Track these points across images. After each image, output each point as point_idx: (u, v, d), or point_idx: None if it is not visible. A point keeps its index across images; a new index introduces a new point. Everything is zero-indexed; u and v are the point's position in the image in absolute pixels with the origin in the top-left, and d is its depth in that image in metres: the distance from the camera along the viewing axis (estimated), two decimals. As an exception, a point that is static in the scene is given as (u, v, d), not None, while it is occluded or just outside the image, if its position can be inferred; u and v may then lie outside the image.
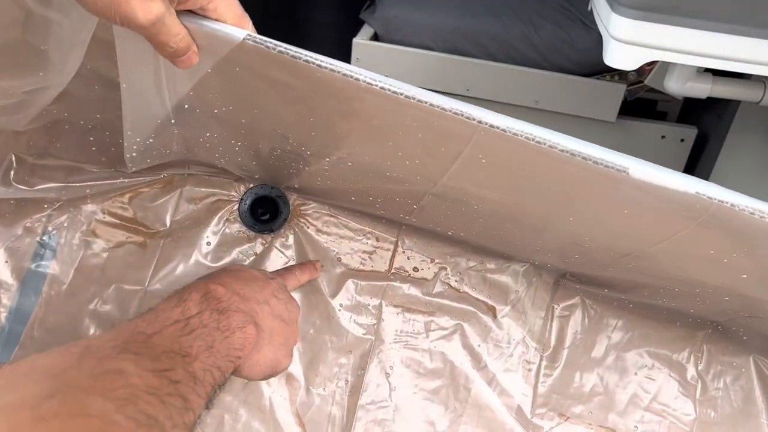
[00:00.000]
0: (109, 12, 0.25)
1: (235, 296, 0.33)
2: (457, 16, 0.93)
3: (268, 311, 0.35)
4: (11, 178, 0.39)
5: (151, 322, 0.29)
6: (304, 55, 0.27)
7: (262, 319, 0.34)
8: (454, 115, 0.28)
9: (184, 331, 0.29)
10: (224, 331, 0.31)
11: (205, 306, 0.32)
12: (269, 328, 0.35)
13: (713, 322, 0.44)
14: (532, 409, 0.43)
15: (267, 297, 0.35)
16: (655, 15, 0.49)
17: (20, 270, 0.41)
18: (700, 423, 0.43)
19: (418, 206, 0.38)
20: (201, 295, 0.32)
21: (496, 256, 0.44)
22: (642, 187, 0.28)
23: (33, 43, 0.29)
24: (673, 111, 1.00)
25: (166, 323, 0.30)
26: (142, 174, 0.42)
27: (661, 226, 0.32)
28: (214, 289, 0.33)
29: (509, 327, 0.44)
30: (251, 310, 0.34)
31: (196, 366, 0.28)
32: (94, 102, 0.36)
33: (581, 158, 0.28)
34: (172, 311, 0.31)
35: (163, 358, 0.27)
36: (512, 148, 0.29)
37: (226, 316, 0.32)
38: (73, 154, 0.41)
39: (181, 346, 0.29)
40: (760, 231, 0.29)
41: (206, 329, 0.30)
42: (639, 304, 0.44)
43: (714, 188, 0.29)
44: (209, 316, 0.31)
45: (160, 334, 0.29)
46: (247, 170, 0.43)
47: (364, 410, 0.42)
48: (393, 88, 0.28)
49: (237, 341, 0.32)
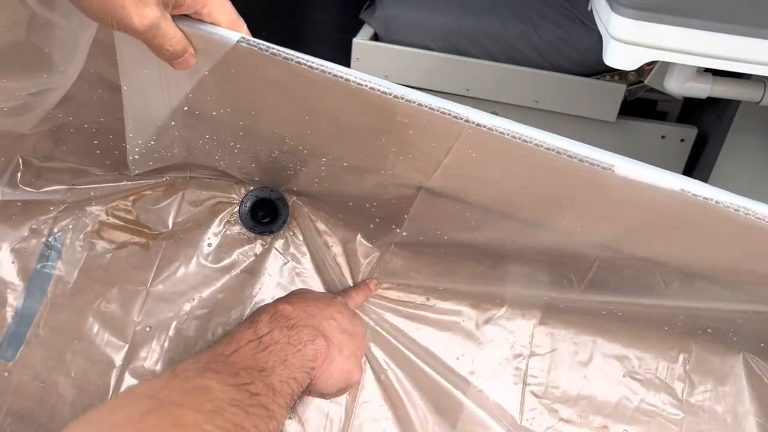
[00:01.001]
0: (105, 17, 0.25)
1: (302, 313, 0.36)
2: (457, 16, 0.93)
3: (335, 326, 0.37)
4: (18, 181, 0.40)
5: (228, 344, 0.32)
6: (296, 57, 0.28)
7: (330, 332, 0.36)
8: (442, 114, 0.28)
9: (258, 349, 0.32)
10: (296, 345, 0.33)
11: (275, 324, 0.34)
12: (338, 340, 0.37)
13: (701, 324, 0.44)
14: (521, 414, 0.43)
15: (332, 313, 0.38)
16: (655, 15, 0.49)
17: (26, 270, 0.42)
18: (690, 423, 0.43)
19: (413, 209, 0.39)
20: (270, 315, 0.35)
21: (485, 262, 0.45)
22: (628, 183, 0.29)
23: (37, 45, 0.30)
24: (673, 111, 1.00)
25: (242, 343, 0.32)
26: (145, 177, 0.43)
27: (648, 223, 0.32)
28: (282, 309, 0.35)
29: (496, 333, 0.45)
30: (319, 324, 0.36)
31: (274, 378, 0.31)
32: (98, 105, 0.37)
33: (567, 156, 0.29)
34: (245, 332, 0.33)
35: (242, 374, 0.30)
36: (500, 146, 0.29)
37: (296, 331, 0.34)
38: (78, 157, 0.41)
39: (257, 362, 0.31)
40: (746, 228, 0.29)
41: (278, 345, 0.33)
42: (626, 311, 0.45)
43: (698, 185, 0.29)
44: (279, 332, 0.33)
45: (237, 353, 0.31)
46: (247, 172, 0.44)
47: (361, 409, 0.43)
48: (382, 88, 0.28)
49: (309, 353, 0.34)
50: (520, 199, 0.35)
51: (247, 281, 0.44)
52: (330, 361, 0.35)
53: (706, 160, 0.89)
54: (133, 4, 0.25)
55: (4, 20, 0.29)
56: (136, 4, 0.25)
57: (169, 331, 0.43)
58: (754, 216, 0.29)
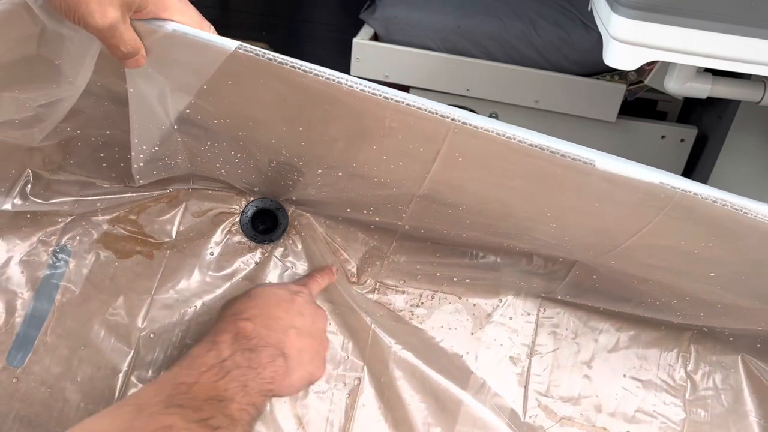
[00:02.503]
0: (70, 12, 0.26)
1: (263, 331, 0.36)
2: (457, 16, 0.93)
3: (294, 334, 0.37)
4: (28, 192, 0.41)
5: (189, 370, 0.32)
6: (290, 62, 0.29)
7: (290, 346, 0.37)
8: (429, 113, 0.29)
9: (219, 375, 0.32)
10: (256, 368, 0.34)
11: (236, 347, 0.34)
12: (298, 351, 0.37)
13: (699, 324, 0.45)
14: (524, 413, 0.44)
15: (292, 319, 0.38)
16: (655, 15, 0.49)
17: (35, 280, 0.43)
18: (691, 423, 0.44)
19: (409, 210, 0.39)
20: (231, 336, 0.35)
21: (484, 261, 0.45)
22: (609, 178, 0.30)
23: (47, 57, 0.31)
24: (673, 111, 1.00)
25: (203, 369, 0.32)
26: (149, 189, 0.44)
27: (631, 218, 0.33)
28: (243, 327, 0.35)
29: (497, 332, 0.45)
30: (279, 341, 0.36)
31: (233, 408, 0.31)
32: (104, 118, 0.38)
33: (549, 152, 0.29)
34: (207, 356, 0.33)
35: (204, 407, 0.30)
36: (485, 146, 0.30)
37: (256, 353, 0.34)
38: (86, 170, 0.42)
39: (218, 392, 0.32)
40: (724, 219, 0.30)
41: (240, 369, 0.33)
42: (626, 312, 0.45)
43: (676, 178, 0.30)
44: (241, 355, 0.34)
45: (199, 383, 0.32)
46: (248, 182, 0.44)
47: (361, 412, 0.44)
48: (372, 90, 0.29)
49: (268, 375, 0.34)
50: (511, 199, 0.35)
51: (248, 288, 0.45)
52: (290, 374, 0.36)
53: (706, 160, 0.89)
54: (97, 2, 0.26)
55: (16, 34, 0.30)
56: (100, 3, 0.26)
57: (173, 337, 0.44)
58: (753, 215, 0.30)
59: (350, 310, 0.45)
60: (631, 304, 0.43)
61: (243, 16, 1.30)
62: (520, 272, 0.45)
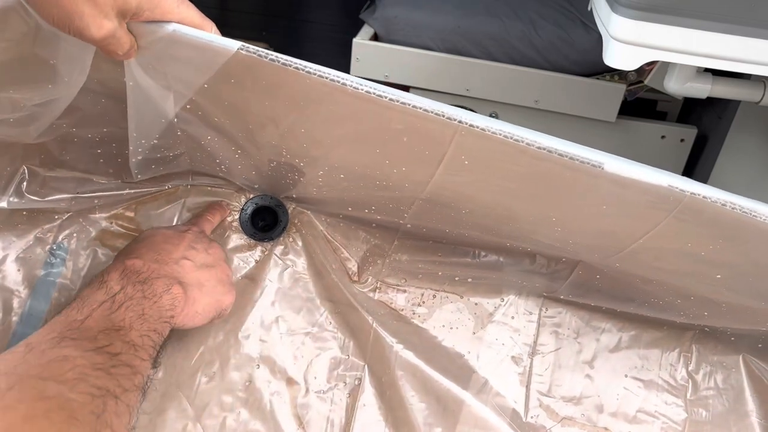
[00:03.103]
0: (63, 26, 0.26)
1: (153, 264, 0.35)
2: (457, 16, 0.93)
3: (189, 265, 0.37)
4: (24, 190, 0.40)
5: (80, 309, 0.32)
6: (293, 63, 0.28)
7: (185, 275, 0.36)
8: (436, 116, 0.29)
9: (112, 309, 0.32)
10: (151, 298, 0.33)
11: (126, 281, 0.34)
12: (195, 279, 0.37)
13: (701, 324, 0.45)
14: (526, 412, 0.44)
15: (184, 252, 0.37)
16: (655, 15, 0.49)
17: (31, 278, 0.42)
18: (692, 423, 0.44)
19: (411, 211, 0.39)
20: (120, 273, 0.34)
21: (486, 260, 0.45)
22: (618, 181, 0.29)
23: (43, 57, 0.31)
24: (673, 111, 1.00)
25: (94, 306, 0.32)
26: (147, 185, 0.44)
27: (639, 221, 0.33)
28: (131, 264, 0.35)
29: (499, 331, 0.45)
30: (172, 271, 0.36)
31: (133, 335, 0.31)
32: (101, 115, 0.37)
33: (558, 155, 0.29)
34: (96, 294, 0.33)
35: (100, 337, 0.30)
36: (492, 148, 0.29)
37: (149, 284, 0.34)
38: (83, 166, 0.42)
39: (113, 322, 0.31)
40: (732, 222, 0.30)
41: (133, 300, 0.33)
42: (627, 312, 0.45)
43: (685, 181, 0.30)
44: (133, 288, 0.33)
45: (91, 317, 0.31)
46: (247, 179, 0.44)
47: (362, 412, 0.43)
48: (378, 91, 0.29)
49: (166, 303, 0.34)
50: (516, 203, 0.35)
51: (248, 286, 0.44)
52: (192, 302, 0.36)
53: (706, 160, 0.89)
54: (91, 15, 0.26)
55: (11, 35, 0.30)
56: (94, 16, 0.26)
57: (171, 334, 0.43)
58: (762, 218, 0.30)
59: (351, 308, 0.45)
60: (634, 303, 0.43)
61: (243, 16, 1.30)
62: (522, 272, 0.45)
